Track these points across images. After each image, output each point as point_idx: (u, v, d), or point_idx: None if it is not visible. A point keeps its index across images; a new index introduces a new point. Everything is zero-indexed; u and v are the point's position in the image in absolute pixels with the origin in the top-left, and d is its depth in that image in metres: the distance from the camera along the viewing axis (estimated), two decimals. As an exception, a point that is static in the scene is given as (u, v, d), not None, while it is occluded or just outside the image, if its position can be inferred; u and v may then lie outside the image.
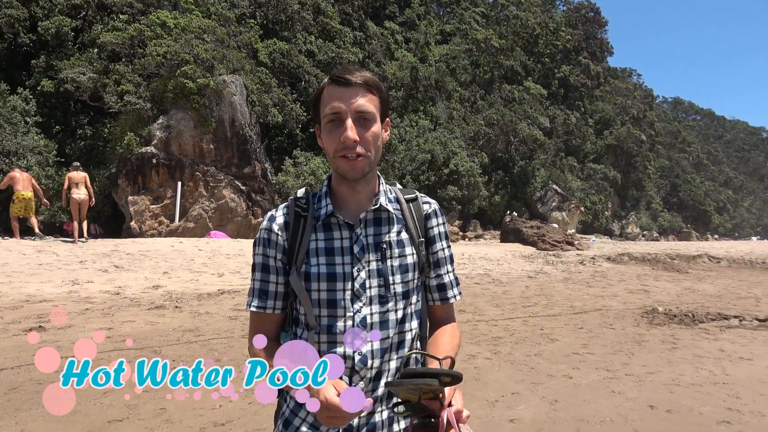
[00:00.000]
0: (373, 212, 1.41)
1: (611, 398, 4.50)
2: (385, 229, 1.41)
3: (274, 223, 1.42)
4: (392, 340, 1.37)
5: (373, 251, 1.38)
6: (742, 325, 7.95)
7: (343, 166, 1.34)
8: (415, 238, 1.44)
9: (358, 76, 1.34)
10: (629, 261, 18.55)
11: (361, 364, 1.33)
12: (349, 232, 1.39)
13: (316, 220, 1.40)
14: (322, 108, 1.36)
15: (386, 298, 1.37)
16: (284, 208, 1.45)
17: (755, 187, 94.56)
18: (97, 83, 19.74)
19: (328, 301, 1.35)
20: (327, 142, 1.36)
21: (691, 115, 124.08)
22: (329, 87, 1.36)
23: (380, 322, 1.36)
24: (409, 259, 1.42)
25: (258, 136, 23.06)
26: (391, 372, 1.37)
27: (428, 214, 1.49)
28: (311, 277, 1.36)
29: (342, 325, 1.34)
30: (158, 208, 19.37)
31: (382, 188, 1.46)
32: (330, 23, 32.58)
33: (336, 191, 1.44)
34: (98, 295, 8.26)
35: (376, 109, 1.36)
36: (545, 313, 8.56)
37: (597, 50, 61.14)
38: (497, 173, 36.11)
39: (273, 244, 1.40)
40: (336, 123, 1.33)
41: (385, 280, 1.37)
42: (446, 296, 1.53)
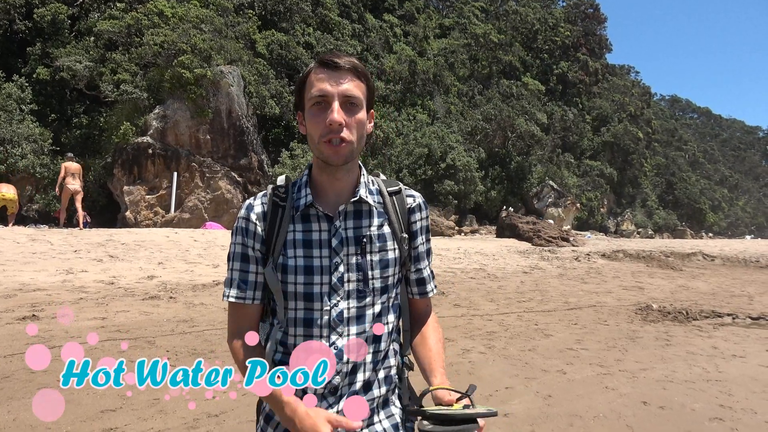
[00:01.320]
0: (353, 204, 1.38)
1: (605, 394, 4.51)
2: (365, 222, 1.38)
3: (252, 212, 1.38)
4: (368, 334, 1.35)
5: (353, 245, 1.35)
6: (735, 323, 7.99)
7: (327, 151, 1.30)
8: (397, 233, 1.41)
9: (346, 61, 1.32)
10: (624, 258, 18.61)
11: (337, 359, 1.31)
12: (328, 224, 1.36)
13: (295, 211, 1.37)
14: (308, 91, 1.33)
15: (364, 293, 1.35)
16: (262, 197, 1.41)
17: (750, 186, 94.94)
18: (94, 72, 19.62)
19: (304, 294, 1.33)
20: (311, 126, 1.32)
21: (688, 114, 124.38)
22: (316, 70, 1.32)
23: (357, 316, 1.34)
24: (390, 254, 1.39)
25: (255, 127, 22.98)
26: (368, 366, 1.35)
27: (412, 208, 1.46)
28: (288, 269, 1.33)
29: (319, 319, 1.32)
30: (154, 198, 19.30)
31: (363, 180, 1.42)
32: (329, 15, 32.43)
33: (316, 180, 1.40)
34: (92, 285, 8.23)
35: (363, 96, 1.34)
36: (540, 309, 8.58)
37: (596, 47, 61.13)
38: (494, 168, 36.11)
39: (251, 234, 1.37)
40: (322, 106, 1.30)
41: (364, 275, 1.35)
42: (425, 290, 1.51)
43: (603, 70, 61.28)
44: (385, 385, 1.40)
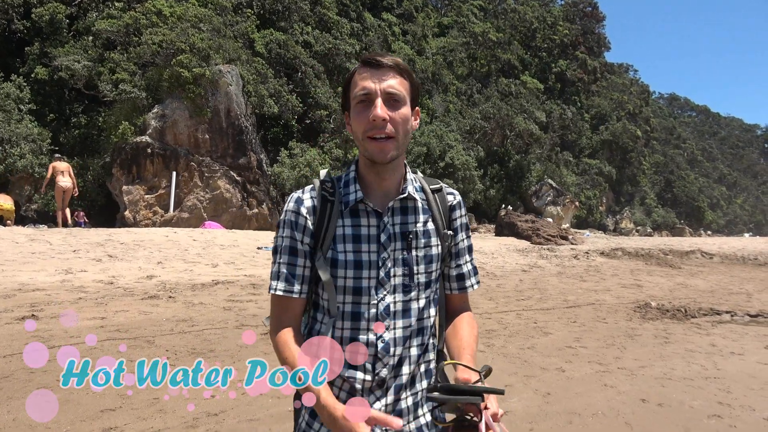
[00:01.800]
0: (400, 201, 1.40)
1: (603, 392, 4.53)
2: (411, 218, 1.41)
3: (302, 206, 1.39)
4: (413, 327, 1.38)
5: (400, 240, 1.38)
6: (734, 321, 8.01)
7: (372, 148, 1.33)
8: (440, 229, 1.44)
9: (389, 59, 1.35)
10: (623, 256, 18.63)
11: (384, 352, 1.34)
12: (377, 219, 1.38)
13: (344, 206, 1.39)
14: (352, 90, 1.36)
15: (410, 288, 1.38)
16: (311, 191, 1.43)
17: (749, 184, 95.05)
18: (92, 71, 19.60)
19: (353, 288, 1.35)
20: (356, 123, 1.35)
21: (687, 112, 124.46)
22: (360, 69, 1.36)
23: (403, 310, 1.37)
24: (434, 250, 1.42)
25: (253, 126, 22.97)
26: (412, 359, 1.38)
27: (453, 205, 1.49)
28: (338, 263, 1.35)
29: (366, 313, 1.35)
30: (153, 198, 19.29)
31: (410, 177, 1.45)
32: (327, 14, 32.40)
33: (364, 177, 1.43)
34: (91, 285, 8.23)
35: (407, 92, 1.36)
36: (539, 307, 8.60)
37: (594, 45, 61.15)
38: (493, 167, 36.12)
39: (300, 227, 1.38)
40: (365, 104, 1.32)
41: (409, 270, 1.38)
42: (464, 285, 1.53)
43: (601, 68, 61.31)
44: (426, 379, 1.43)
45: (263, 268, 11.19)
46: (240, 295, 8.35)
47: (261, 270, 10.95)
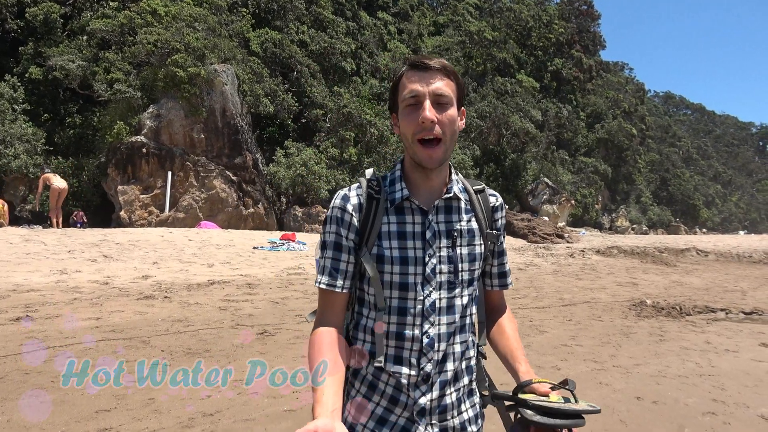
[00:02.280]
0: (445, 200, 1.44)
1: (598, 389, 4.54)
2: (455, 217, 1.45)
3: (348, 203, 1.43)
4: (457, 324, 1.42)
5: (445, 238, 1.42)
6: (729, 318, 8.04)
7: (421, 154, 1.36)
8: (483, 229, 1.48)
9: (436, 62, 1.37)
10: (618, 254, 18.69)
11: (429, 347, 1.37)
12: (422, 217, 1.42)
13: (390, 203, 1.43)
14: (401, 93, 1.39)
15: (454, 285, 1.41)
16: (357, 188, 1.46)
17: (743, 182, 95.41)
18: (87, 71, 19.53)
19: (400, 284, 1.38)
20: (405, 126, 1.38)
21: (682, 110, 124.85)
22: (407, 72, 1.39)
23: (447, 306, 1.40)
24: (477, 248, 1.46)
25: (249, 126, 22.93)
26: (456, 355, 1.42)
27: (496, 206, 1.54)
28: (384, 259, 1.38)
29: (413, 308, 1.38)
30: (148, 198, 19.24)
31: (455, 177, 1.50)
32: (323, 13, 32.35)
33: (410, 177, 1.46)
34: (87, 285, 8.21)
35: (453, 94, 1.38)
36: (534, 305, 8.61)
37: (590, 43, 61.23)
38: (489, 166, 36.16)
39: (346, 224, 1.42)
40: (414, 106, 1.36)
41: (454, 267, 1.41)
42: (505, 282, 1.61)
43: (597, 67, 61.38)
44: (467, 375, 1.48)
45: (259, 268, 11.17)
46: (236, 295, 8.34)
47: (257, 270, 10.94)
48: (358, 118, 26.70)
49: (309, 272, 11.16)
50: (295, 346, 5.50)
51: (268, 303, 7.84)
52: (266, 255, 13.19)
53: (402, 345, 1.38)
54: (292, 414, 3.77)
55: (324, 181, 23.22)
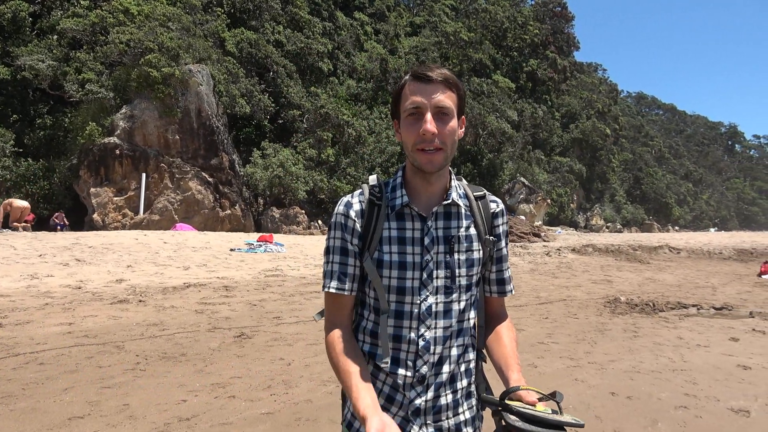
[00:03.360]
0: (444, 206, 1.46)
1: (574, 386, 4.60)
2: (454, 223, 1.47)
3: (351, 209, 1.46)
4: (453, 328, 1.44)
5: (443, 243, 1.44)
6: (700, 314, 8.21)
7: (421, 159, 1.38)
8: (482, 235, 1.49)
9: (438, 73, 1.39)
10: (593, 252, 18.97)
11: (425, 350, 1.40)
12: (421, 223, 1.44)
13: (391, 209, 1.46)
14: (403, 103, 1.42)
15: (451, 290, 1.43)
16: (359, 195, 1.49)
17: (714, 180, 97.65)
18: (57, 71, 19.13)
19: (398, 288, 1.41)
20: (406, 135, 1.40)
21: (654, 110, 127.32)
22: (410, 83, 1.41)
23: (444, 311, 1.43)
24: (475, 254, 1.48)
25: (225, 127, 22.71)
26: (452, 359, 1.44)
27: (496, 213, 1.55)
28: (384, 264, 1.42)
29: (409, 312, 1.41)
30: (122, 200, 18.92)
31: (454, 183, 1.52)
32: (299, 13, 32.20)
33: (410, 183, 1.49)
34: (58, 290, 8.04)
35: (454, 105, 1.42)
36: (511, 304, 8.69)
37: (564, 44, 62.06)
38: (466, 166, 36.39)
39: (350, 230, 1.45)
40: (416, 117, 1.38)
41: (451, 273, 1.43)
42: (504, 290, 1.59)
43: (571, 67, 62.26)
44: (466, 378, 1.49)
45: (236, 270, 11.07)
46: (212, 297, 8.25)
47: (234, 272, 10.84)
48: (336, 118, 26.64)
49: (287, 274, 11.09)
50: (273, 349, 5.46)
51: (245, 305, 7.78)
52: (243, 257, 13.08)
53: (399, 347, 1.41)
54: (270, 417, 3.74)
55: (302, 181, 23.11)
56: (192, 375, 4.57)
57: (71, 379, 4.39)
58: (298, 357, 5.20)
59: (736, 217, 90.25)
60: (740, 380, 4.80)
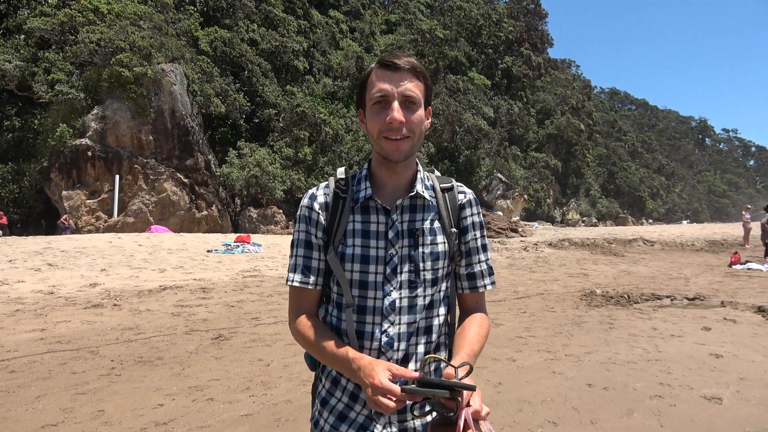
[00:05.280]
0: (409, 199, 1.43)
1: (552, 379, 4.65)
2: (419, 216, 1.43)
3: (315, 201, 1.44)
4: (419, 324, 1.40)
5: (407, 237, 1.40)
6: (674, 305, 8.37)
7: (388, 147, 1.35)
8: (446, 228, 1.45)
9: (405, 62, 1.36)
10: (570, 246, 19.21)
11: (388, 346, 1.36)
12: (386, 216, 1.41)
13: (355, 202, 1.42)
14: (369, 91, 1.38)
15: (416, 284, 1.40)
16: (324, 188, 1.46)
17: (685, 174, 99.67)
18: (25, 71, 18.70)
19: (360, 282, 1.38)
20: (372, 124, 1.37)
21: (627, 105, 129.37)
22: (377, 71, 1.38)
23: (408, 306, 1.39)
24: (440, 247, 1.43)
25: (200, 127, 22.44)
26: (419, 356, 1.40)
27: (463, 204, 1.51)
28: (346, 257, 1.39)
29: (372, 306, 1.38)
30: (95, 202, 18.58)
31: (420, 175, 1.47)
32: (273, 11, 31.95)
33: (376, 174, 1.46)
34: (30, 295, 7.86)
35: (422, 94, 1.38)
36: (490, 299, 8.75)
37: (538, 41, 62.64)
38: (443, 163, 36.54)
39: (314, 222, 1.43)
40: (382, 105, 1.35)
41: (415, 266, 1.40)
42: (476, 285, 1.52)
43: (545, 64, 62.88)
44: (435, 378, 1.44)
45: (213, 272, 10.96)
46: (189, 299, 8.14)
47: (211, 273, 10.72)
48: (313, 117, 26.52)
49: (265, 274, 11.01)
50: (251, 350, 5.42)
51: (223, 307, 7.70)
52: (221, 258, 12.94)
53: (363, 343, 1.37)
54: (249, 418, 3.71)
55: (279, 181, 22.96)
56: (169, 379, 4.51)
57: (44, 386, 4.30)
58: (276, 357, 5.16)
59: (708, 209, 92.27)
60: (713, 368, 4.91)
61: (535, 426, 3.65)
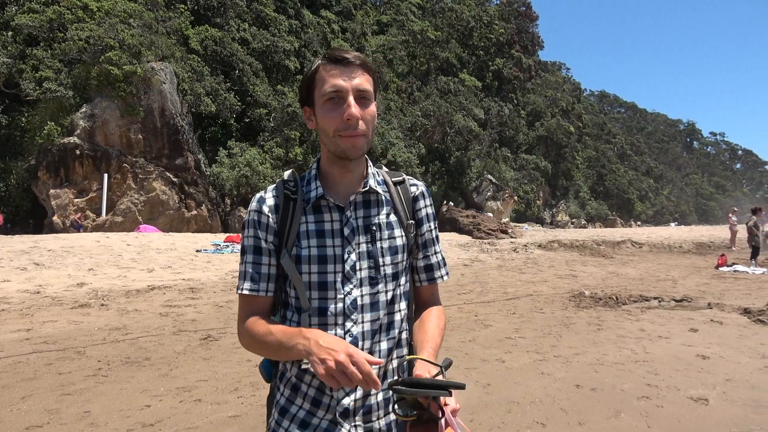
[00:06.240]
0: (362, 194, 1.41)
1: (540, 380, 4.67)
2: (374, 211, 1.41)
3: (264, 204, 1.39)
4: (382, 321, 1.37)
5: (363, 233, 1.38)
6: (661, 306, 8.44)
7: (345, 144, 1.32)
8: (403, 220, 1.44)
9: (355, 56, 1.33)
10: (559, 248, 19.31)
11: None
12: (339, 214, 1.38)
13: (306, 203, 1.39)
14: (319, 87, 1.34)
15: (376, 280, 1.37)
16: (273, 190, 1.42)
17: (673, 176, 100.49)
18: (13, 69, 18.51)
19: (319, 284, 1.34)
20: (325, 121, 1.33)
21: (616, 108, 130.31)
22: (325, 66, 1.34)
23: (370, 303, 1.36)
24: (398, 241, 1.42)
25: (190, 126, 22.31)
26: (382, 353, 1.36)
27: (416, 196, 1.49)
28: (302, 259, 1.34)
29: (333, 307, 1.34)
30: (83, 201, 18.42)
31: (371, 171, 1.45)
32: (264, 11, 31.85)
33: (327, 173, 1.43)
34: (16, 295, 7.78)
35: (372, 89, 1.36)
36: (479, 300, 8.78)
37: (528, 44, 62.94)
38: (434, 164, 36.60)
39: (264, 226, 1.38)
40: (336, 101, 1.31)
41: (375, 262, 1.37)
42: (433, 276, 1.53)
43: (536, 66, 63.21)
44: (398, 374, 1.41)
45: (202, 272, 10.90)
46: (178, 300, 8.09)
47: (200, 273, 10.66)
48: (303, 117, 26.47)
49: (255, 274, 10.96)
50: (240, 351, 5.39)
51: (211, 307, 7.66)
52: (210, 258, 12.88)
53: None
54: (237, 420, 3.69)
55: (269, 181, 22.87)
56: (156, 379, 4.48)
57: (29, 386, 4.25)
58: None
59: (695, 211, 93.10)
60: (699, 370, 4.95)
61: (523, 427, 3.67)
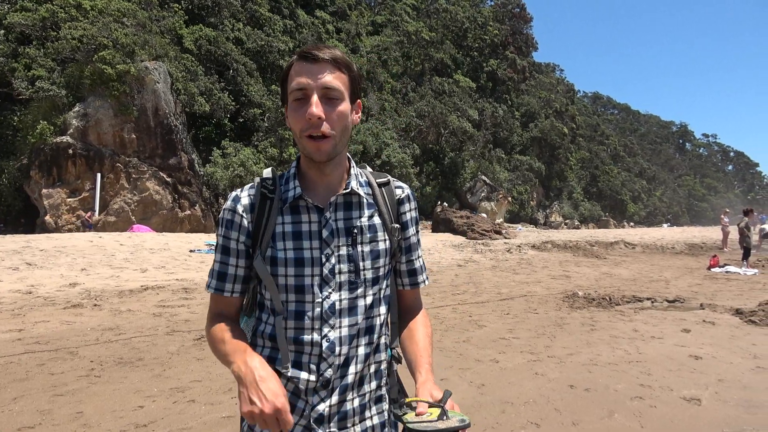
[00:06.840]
0: (343, 196, 1.35)
1: (534, 380, 4.68)
2: (356, 213, 1.35)
3: (239, 203, 1.34)
4: (360, 326, 1.33)
5: (344, 236, 1.33)
6: (654, 307, 8.49)
7: (309, 147, 1.27)
8: (388, 224, 1.39)
9: (326, 53, 1.28)
10: (552, 248, 19.37)
11: (329, 351, 1.29)
12: (318, 215, 1.32)
13: (283, 203, 1.33)
14: (289, 85, 1.29)
15: (356, 284, 1.33)
16: (249, 188, 1.37)
17: (666, 178, 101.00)
18: (5, 67, 18.39)
19: (295, 287, 1.29)
20: (293, 121, 1.29)
21: (609, 109, 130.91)
22: (297, 63, 1.29)
23: (349, 308, 1.32)
24: (381, 245, 1.37)
25: (184, 125, 22.23)
26: (360, 358, 1.33)
27: (401, 199, 1.44)
28: (278, 261, 1.30)
29: (311, 312, 1.29)
30: (76, 201, 18.32)
31: (354, 171, 1.39)
32: (259, 10, 31.79)
33: (305, 173, 1.37)
34: (7, 295, 7.72)
35: (345, 87, 1.29)
36: (473, 301, 8.79)
37: (522, 45, 63.11)
38: (428, 164, 36.64)
39: (236, 226, 1.33)
40: (302, 100, 1.26)
41: (355, 266, 1.33)
42: (416, 281, 1.51)
43: (530, 68, 63.42)
44: (376, 380, 1.38)
45: (196, 272, 10.86)
46: (171, 300, 8.06)
47: (194, 274, 10.63)
48: (294, 117, 26.46)
49: (248, 274, 10.93)
50: (234, 351, 5.37)
51: (205, 307, 7.62)
52: (203, 258, 12.84)
53: (301, 350, 1.29)
54: (231, 420, 3.68)
55: (263, 181, 22.83)
56: (150, 380, 4.46)
57: (21, 387, 4.22)
58: (259, 358, 5.13)
59: (687, 213, 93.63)
60: (692, 370, 4.98)
61: (517, 427, 3.67)
